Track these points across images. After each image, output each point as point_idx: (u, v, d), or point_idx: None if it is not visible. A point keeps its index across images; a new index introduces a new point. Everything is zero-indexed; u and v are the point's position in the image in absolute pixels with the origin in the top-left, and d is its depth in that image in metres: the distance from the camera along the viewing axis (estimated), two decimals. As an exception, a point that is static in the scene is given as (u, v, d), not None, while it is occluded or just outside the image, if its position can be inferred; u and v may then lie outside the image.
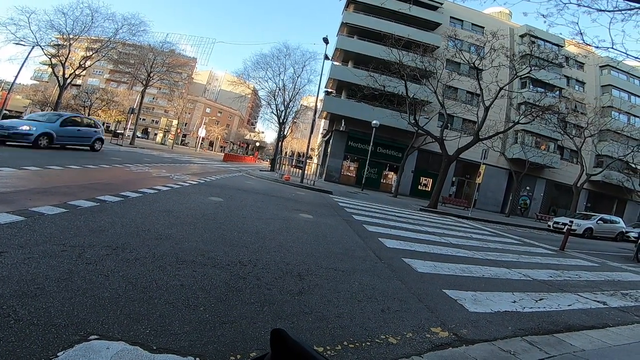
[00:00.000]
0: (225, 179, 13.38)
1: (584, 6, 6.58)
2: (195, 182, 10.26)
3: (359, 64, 28.57)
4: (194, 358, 1.88)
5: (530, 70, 18.67)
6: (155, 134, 74.05)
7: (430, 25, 30.09)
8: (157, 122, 76.34)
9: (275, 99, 29.54)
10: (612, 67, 33.19)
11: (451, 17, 31.69)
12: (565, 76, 31.98)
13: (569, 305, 4.48)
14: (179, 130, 58.71)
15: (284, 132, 31.37)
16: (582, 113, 28.34)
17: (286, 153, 62.53)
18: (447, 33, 25.34)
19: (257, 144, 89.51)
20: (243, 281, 3.22)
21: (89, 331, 1.92)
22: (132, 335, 1.98)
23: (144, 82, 30.76)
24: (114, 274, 2.79)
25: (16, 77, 21.62)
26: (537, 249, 9.93)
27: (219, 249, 4.06)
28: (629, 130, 30.56)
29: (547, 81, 27.64)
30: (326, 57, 20.18)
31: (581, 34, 7.09)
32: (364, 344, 2.46)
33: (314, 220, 7.63)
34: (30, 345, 1.70)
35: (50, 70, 26.06)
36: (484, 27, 29.77)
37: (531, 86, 30.02)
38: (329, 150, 30.79)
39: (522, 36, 32.12)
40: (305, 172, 19.63)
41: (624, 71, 33.73)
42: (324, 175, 29.38)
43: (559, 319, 3.88)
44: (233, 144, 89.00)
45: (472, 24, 31.88)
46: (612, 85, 34.19)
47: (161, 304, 2.44)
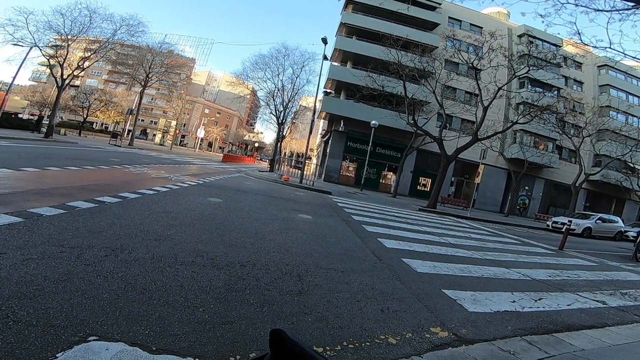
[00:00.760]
0: (224, 180, 13.38)
1: (581, 6, 6.59)
2: (194, 183, 10.25)
3: (358, 64, 28.60)
4: (193, 359, 1.88)
5: (529, 70, 18.72)
6: (154, 135, 73.91)
7: (429, 26, 30.12)
8: (155, 123, 76.14)
9: (274, 100, 29.57)
10: (610, 67, 33.24)
11: (449, 17, 31.72)
12: (563, 76, 32.05)
13: (568, 305, 4.49)
14: (177, 131, 58.68)
15: (282, 133, 31.37)
16: (580, 113, 28.43)
17: (285, 153, 62.52)
18: (446, 33, 25.35)
19: (256, 145, 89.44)
20: (242, 282, 3.22)
21: (88, 332, 1.91)
22: (131, 336, 1.97)
23: (143, 83, 30.72)
24: (112, 275, 2.78)
25: (14, 78, 21.58)
26: (536, 249, 9.94)
27: (218, 250, 4.06)
28: (627, 130, 30.63)
29: (546, 81, 27.69)
30: (325, 58, 20.20)
31: (579, 33, 7.10)
32: (363, 344, 2.46)
33: (313, 221, 7.63)
34: (29, 347, 1.69)
35: (48, 71, 26.07)
36: (482, 27, 29.82)
37: (529, 86, 30.09)
38: (327, 151, 30.79)
39: (520, 36, 32.19)
40: (304, 172, 19.63)
41: (622, 71, 33.81)
42: (323, 176, 29.38)
43: (559, 318, 3.88)
44: (232, 145, 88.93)
45: (471, 24, 31.92)
46: (610, 85, 34.29)
47: (160, 304, 2.44)
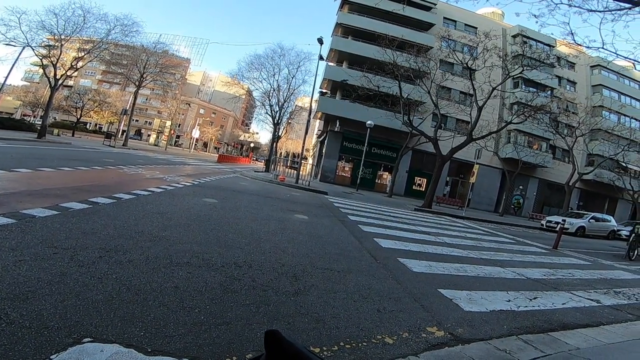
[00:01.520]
0: (220, 180, 13.33)
1: (575, 6, 6.64)
2: (189, 184, 10.20)
3: (354, 65, 28.61)
4: (188, 360, 1.87)
5: (523, 70, 18.83)
6: (149, 135, 73.52)
7: (424, 26, 30.22)
8: (150, 124, 75.76)
9: (269, 100, 29.44)
10: (603, 67, 33.57)
11: (444, 18, 31.85)
12: (556, 76, 32.29)
13: (563, 304, 4.52)
14: (172, 132, 58.43)
15: (278, 133, 31.28)
16: (573, 113, 28.63)
17: (281, 154, 62.46)
18: (441, 33, 25.47)
19: (252, 145, 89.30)
20: (238, 282, 3.21)
21: (83, 334, 1.89)
22: (126, 337, 1.95)
23: (137, 83, 30.53)
24: (107, 276, 2.75)
25: (6, 78, 21.41)
26: (531, 248, 10.01)
27: (213, 251, 4.04)
28: (619, 130, 30.89)
29: (539, 81, 27.88)
30: (321, 58, 20.18)
31: (572, 34, 7.14)
32: (360, 345, 2.46)
33: (309, 221, 7.62)
34: (23, 349, 1.67)
35: (41, 71, 25.73)
36: (477, 28, 29.98)
37: (523, 86, 30.27)
38: (323, 151, 30.80)
39: (514, 36, 32.40)
40: (300, 172, 19.62)
41: (614, 71, 34.12)
42: (319, 176, 29.39)
43: (554, 317, 3.91)
44: (227, 145, 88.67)
45: (465, 25, 32.06)
46: (602, 85, 34.62)
47: (155, 306, 2.42)
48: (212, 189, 10.20)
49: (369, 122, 22.15)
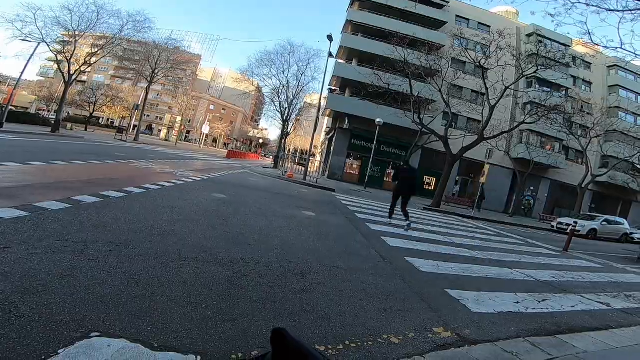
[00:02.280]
0: (229, 176, 13.41)
1: (592, 6, 6.52)
2: (199, 179, 10.28)
3: (363, 62, 28.45)
4: (195, 356, 1.88)
5: (537, 69, 18.52)
6: (160, 131, 74.48)
7: (436, 24, 29.89)
8: (161, 119, 76.60)
9: (279, 96, 29.50)
10: (620, 67, 32.82)
11: (457, 16, 31.44)
12: (572, 76, 31.65)
13: (572, 307, 4.45)
14: (182, 127, 58.93)
15: (287, 130, 31.32)
16: (588, 113, 28.10)
17: (289, 150, 62.54)
18: (453, 32, 25.18)
19: (261, 141, 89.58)
20: (245, 279, 3.22)
21: (91, 328, 1.91)
22: (133, 332, 1.97)
23: (149, 79, 30.84)
24: (116, 270, 2.79)
25: (22, 73, 21.62)
26: (541, 250, 9.88)
27: (221, 246, 4.06)
28: (635, 131, 30.25)
29: (554, 81, 27.37)
30: (330, 55, 20.12)
31: (589, 33, 7.02)
32: (366, 344, 2.45)
33: (316, 218, 7.63)
34: (32, 342, 1.69)
35: (56, 66, 26.22)
36: (490, 26, 29.50)
37: (537, 86, 29.79)
38: (332, 148, 30.73)
39: (529, 35, 31.84)
40: (309, 169, 19.63)
41: (632, 71, 33.43)
42: (327, 173, 29.35)
43: (562, 320, 3.85)
44: (236, 141, 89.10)
45: (479, 23, 31.64)
46: (619, 86, 33.83)
47: (163, 301, 2.44)
48: (221, 184, 10.26)
49: (378, 119, 22.02)
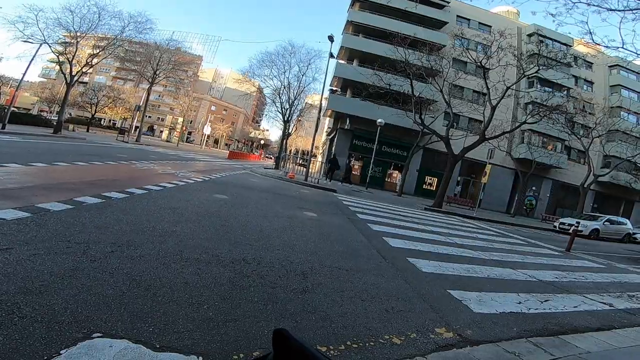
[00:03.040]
0: (230, 177, 13.42)
1: (594, 5, 6.51)
2: (200, 180, 10.29)
3: (364, 62, 28.45)
4: (197, 357, 1.88)
5: (538, 69, 18.47)
6: (161, 132, 74.57)
7: (437, 24, 29.87)
8: (163, 120, 76.71)
9: (280, 97, 29.45)
10: (622, 67, 32.74)
11: (458, 16, 31.43)
12: (573, 76, 31.55)
13: (575, 307, 4.44)
14: (184, 128, 59.02)
15: (288, 130, 31.32)
16: (590, 113, 28.01)
17: (290, 151, 62.54)
18: (454, 32, 25.20)
19: (262, 142, 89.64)
20: (247, 279, 3.22)
21: (93, 329, 1.92)
22: (135, 333, 1.98)
23: (150, 80, 30.89)
24: (118, 271, 2.79)
25: (24, 74, 21.70)
26: (543, 250, 9.85)
27: (223, 247, 4.06)
28: (638, 131, 30.13)
29: (555, 81, 27.29)
30: (331, 56, 20.11)
31: (590, 33, 7.00)
32: (367, 344, 2.45)
33: (318, 219, 7.63)
34: (34, 343, 1.70)
35: (57, 67, 26.23)
36: (491, 26, 29.44)
37: (539, 86, 29.72)
38: (333, 149, 30.73)
39: (530, 35, 31.79)
40: (310, 170, 19.63)
41: (634, 71, 33.29)
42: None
43: (565, 320, 3.84)
44: (238, 142, 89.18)
45: (479, 23, 31.61)
46: (621, 85, 33.72)
47: (165, 301, 2.44)
48: (223, 185, 10.27)
49: (379, 120, 22.01)
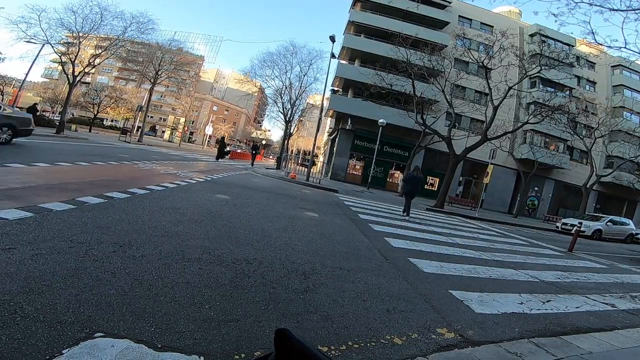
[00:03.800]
0: (232, 177, 13.43)
1: (596, 5, 6.49)
2: (202, 180, 10.30)
3: (366, 63, 28.47)
4: (198, 356, 1.88)
5: (540, 69, 18.44)
6: (163, 132, 74.71)
7: (439, 24, 29.86)
8: (164, 120, 76.84)
9: (281, 97, 29.49)
10: (625, 67, 32.63)
11: (460, 16, 31.40)
12: (575, 76, 31.46)
13: (577, 307, 4.42)
14: (186, 128, 59.10)
15: (290, 131, 31.34)
16: (592, 113, 27.92)
17: (292, 151, 62.54)
18: (456, 32, 25.13)
19: (264, 142, 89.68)
20: (248, 279, 3.23)
21: (95, 328, 1.93)
22: (137, 332, 1.98)
23: (152, 80, 30.96)
24: (120, 271, 2.80)
25: (27, 74, 21.93)
26: (545, 250, 9.83)
27: (224, 247, 4.07)
28: (640, 131, 30.07)
29: (557, 81, 27.23)
30: (333, 56, 20.13)
31: (593, 33, 6.99)
32: (368, 344, 2.45)
33: (319, 219, 7.63)
34: (36, 342, 1.71)
35: (60, 68, 26.37)
36: (493, 26, 29.45)
37: (541, 86, 29.67)
38: (334, 149, 30.74)
39: (532, 35, 31.73)
40: (311, 170, 19.63)
41: (637, 71, 33.18)
42: (329, 174, 29.36)
43: (567, 320, 3.83)
44: (240, 142, 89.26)
45: (481, 23, 31.58)
46: (624, 85, 33.61)
47: (167, 301, 2.45)
48: (224, 185, 10.28)
49: (381, 120, 22.00)
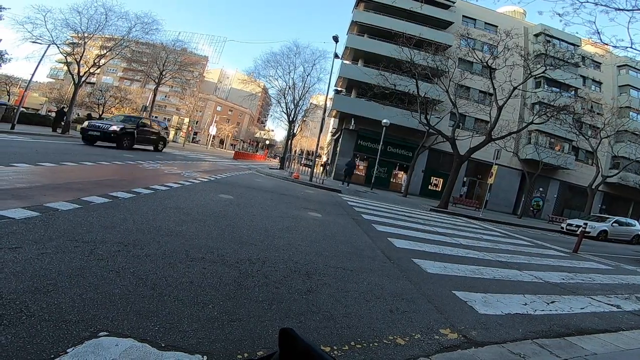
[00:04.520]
0: (235, 177, 13.46)
1: (601, 5, 6.44)
2: (206, 180, 10.33)
3: (369, 63, 28.44)
4: (201, 356, 1.89)
5: (545, 69, 18.34)
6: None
7: (442, 24, 29.79)
8: (169, 120, 77.10)
9: (285, 98, 29.54)
10: (631, 66, 32.44)
11: (464, 16, 31.30)
12: (581, 76, 31.26)
13: (582, 309, 4.40)
14: (190, 128, 59.24)
15: (293, 131, 31.37)
16: (598, 113, 27.72)
17: (295, 151, 62.58)
18: (460, 32, 25.05)
19: (267, 142, 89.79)
20: (251, 279, 3.23)
21: (99, 327, 1.94)
22: (141, 332, 1.99)
23: (157, 80, 31.15)
24: (124, 270, 2.82)
25: (33, 75, 21.95)
26: (550, 251, 9.77)
27: (228, 247, 4.08)
28: (647, 131, 29.78)
29: (563, 81, 27.09)
30: (336, 56, 20.11)
31: (598, 33, 6.94)
32: (371, 345, 2.45)
33: (322, 219, 7.63)
34: (41, 341, 1.72)
35: (65, 68, 26.54)
36: (497, 26, 29.35)
37: (546, 86, 29.50)
38: (338, 149, 30.74)
39: (536, 35, 31.55)
40: (314, 170, 19.64)
41: (643, 71, 32.95)
42: (332, 174, 29.36)
43: (571, 322, 3.81)
44: (243, 142, 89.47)
45: (485, 23, 31.46)
46: (630, 85, 33.35)
47: (170, 300, 2.46)
48: (228, 185, 10.31)
49: (384, 120, 21.97)
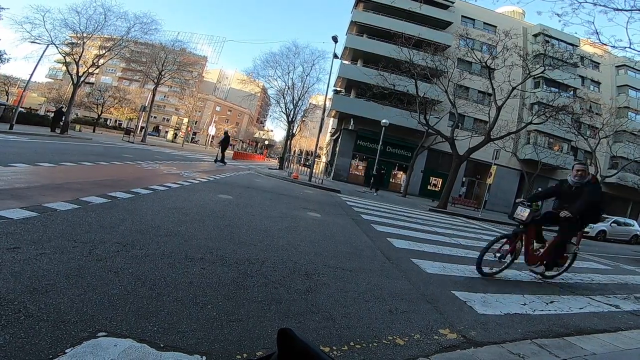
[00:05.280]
0: (235, 177, 13.45)
1: (600, 5, 6.46)
2: (205, 180, 10.33)
3: (369, 63, 28.48)
4: (200, 356, 1.89)
5: (544, 70, 18.37)
6: (166, 132, 74.96)
7: (441, 24, 29.84)
8: (168, 120, 77.16)
9: (284, 98, 29.56)
10: (629, 67, 32.52)
11: (463, 16, 31.37)
12: (580, 76, 31.36)
13: (581, 309, 4.40)
14: (189, 128, 59.21)
15: (292, 131, 31.37)
16: (597, 113, 27.80)
17: (295, 152, 62.56)
18: (459, 32, 25.09)
19: (266, 143, 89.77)
20: (250, 279, 3.23)
21: (98, 328, 1.93)
22: (139, 332, 1.99)
23: (156, 80, 31.13)
24: (123, 270, 2.81)
25: (31, 75, 21.92)
26: (549, 251, 9.75)
27: (227, 247, 4.08)
28: (645, 132, 29.87)
29: (561, 81, 27.14)
30: (335, 56, 20.13)
31: (597, 33, 6.96)
32: (370, 345, 2.44)
33: (322, 219, 7.63)
34: (39, 342, 1.71)
35: (64, 68, 26.55)
36: (496, 26, 29.41)
37: (545, 86, 29.58)
38: (337, 149, 30.76)
39: (535, 35, 31.62)
40: (314, 170, 19.64)
41: (642, 71, 33.04)
42: (332, 174, 29.36)
43: (570, 322, 3.81)
44: (242, 142, 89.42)
45: (484, 23, 31.52)
46: (628, 86, 33.47)
47: (169, 301, 2.45)
48: (227, 185, 10.30)
49: (383, 120, 21.99)
